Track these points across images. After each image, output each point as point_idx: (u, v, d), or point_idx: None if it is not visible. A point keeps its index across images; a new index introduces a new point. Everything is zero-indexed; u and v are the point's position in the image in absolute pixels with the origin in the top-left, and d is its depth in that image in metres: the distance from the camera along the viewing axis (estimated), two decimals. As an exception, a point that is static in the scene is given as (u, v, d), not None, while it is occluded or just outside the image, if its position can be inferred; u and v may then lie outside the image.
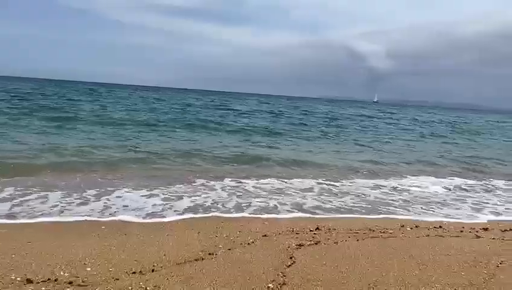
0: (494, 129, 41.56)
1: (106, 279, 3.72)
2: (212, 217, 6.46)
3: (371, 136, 24.75)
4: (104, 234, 5.22)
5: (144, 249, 4.63)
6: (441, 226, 6.13)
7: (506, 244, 5.34)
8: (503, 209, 8.23)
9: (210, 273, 3.98)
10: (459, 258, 4.73)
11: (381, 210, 7.59)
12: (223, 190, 8.56)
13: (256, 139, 18.57)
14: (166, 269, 4.03)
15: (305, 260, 4.44)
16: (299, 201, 7.94)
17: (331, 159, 14.15)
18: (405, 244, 5.21)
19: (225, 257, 4.49)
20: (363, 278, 3.98)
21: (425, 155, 17.07)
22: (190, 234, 5.34)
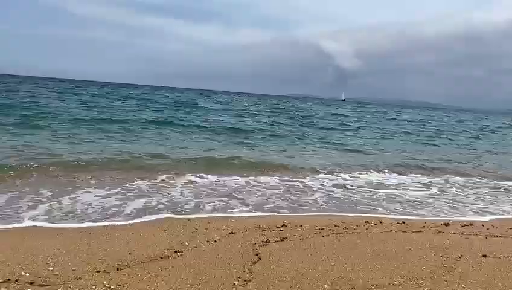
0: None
1: (69, 278, 3.65)
2: (179, 215, 6.42)
3: (339, 134, 25.06)
4: (68, 234, 5.12)
5: (109, 248, 4.56)
6: (404, 222, 6.28)
7: (465, 239, 5.51)
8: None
9: (176, 271, 3.96)
10: (421, 252, 4.84)
11: (346, 207, 7.73)
12: (189, 188, 8.53)
13: (221, 138, 18.45)
14: (131, 268, 3.99)
15: (271, 256, 4.47)
16: (266, 199, 7.99)
17: (298, 158, 14.26)
18: (369, 240, 5.30)
19: (191, 254, 4.48)
20: (328, 273, 4.03)
21: (390, 153, 17.42)
22: (156, 232, 5.30)
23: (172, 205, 7.05)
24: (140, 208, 6.78)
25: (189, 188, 8.53)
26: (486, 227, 6.30)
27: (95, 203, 6.79)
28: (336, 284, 3.78)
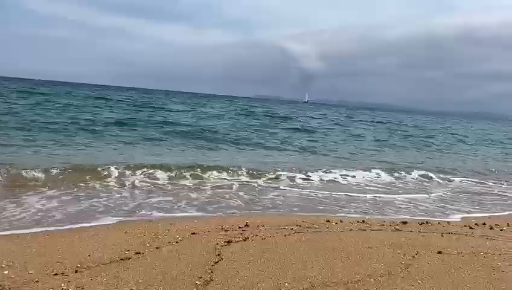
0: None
1: (25, 282, 3.58)
2: (140, 217, 6.38)
3: (300, 136, 25.29)
4: (24, 237, 5.00)
5: (68, 251, 4.49)
6: (364, 221, 6.42)
7: (422, 237, 5.68)
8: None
9: (137, 272, 3.93)
10: (379, 250, 4.95)
11: (308, 207, 7.85)
12: (148, 190, 8.49)
13: (180, 141, 18.28)
14: (90, 270, 3.94)
15: (232, 256, 4.49)
16: (228, 200, 8.04)
17: (259, 158, 14.36)
18: (330, 238, 5.39)
19: (153, 255, 4.46)
20: (288, 272, 4.08)
21: (347, 152, 17.75)
22: (117, 234, 5.25)
23: (132, 208, 6.99)
24: (99, 210, 6.70)
25: (149, 190, 8.49)
26: (442, 225, 6.50)
27: (49, 207, 6.66)
28: (296, 281, 3.83)
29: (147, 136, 18.30)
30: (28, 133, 15.22)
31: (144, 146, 15.54)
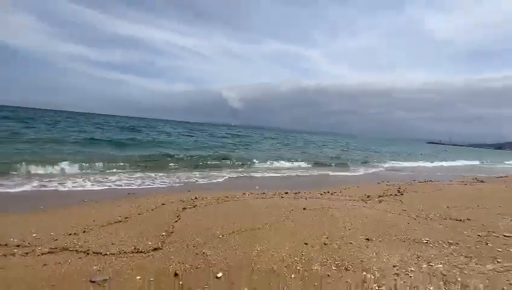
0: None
1: (48, 240, 3.31)
2: (128, 193, 6.09)
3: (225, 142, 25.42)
4: (44, 208, 4.61)
5: (78, 219, 4.21)
6: (264, 193, 6.63)
7: (295, 200, 5.95)
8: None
9: (125, 229, 3.81)
10: (272, 209, 5.09)
11: (230, 185, 7.95)
12: (140, 178, 8.14)
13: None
14: (94, 230, 3.75)
15: (186, 217, 4.47)
16: (187, 183, 7.94)
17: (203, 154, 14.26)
18: (244, 203, 5.51)
19: (136, 219, 4.32)
20: (219, 224, 4.13)
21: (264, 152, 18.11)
22: (113, 206, 5.00)
23: (125, 188, 6.67)
24: (101, 190, 6.33)
25: (137, 176, 8.12)
26: (307, 194, 6.86)
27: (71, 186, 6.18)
28: (224, 229, 3.90)
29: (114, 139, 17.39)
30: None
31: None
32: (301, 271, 2.75)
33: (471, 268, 2.89)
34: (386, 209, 5.35)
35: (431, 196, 7.07)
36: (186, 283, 2.48)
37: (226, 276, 2.62)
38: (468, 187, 9.07)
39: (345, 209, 5.27)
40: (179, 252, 3.11)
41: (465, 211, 5.42)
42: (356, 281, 2.58)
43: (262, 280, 2.57)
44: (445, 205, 5.92)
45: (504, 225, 4.54)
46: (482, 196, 7.22)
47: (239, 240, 3.49)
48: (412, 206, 5.72)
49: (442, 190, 8.19)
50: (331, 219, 4.54)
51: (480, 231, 4.12)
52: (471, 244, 3.56)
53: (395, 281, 2.58)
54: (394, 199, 6.50)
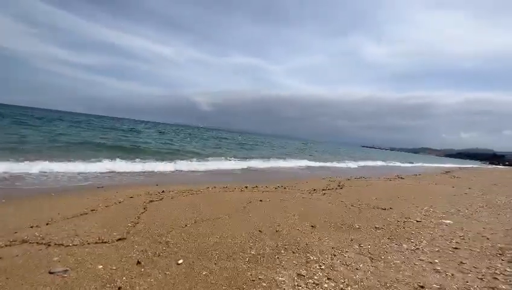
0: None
1: (6, 233, 2.89)
2: (94, 186, 5.59)
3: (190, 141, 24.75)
4: (7, 201, 4.03)
5: (42, 211, 3.73)
6: (226, 187, 6.51)
7: (252, 193, 5.94)
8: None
9: (91, 221, 3.46)
10: (232, 201, 5.04)
11: (197, 181, 7.72)
12: (108, 175, 7.51)
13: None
14: (58, 222, 3.34)
15: (153, 208, 4.21)
16: (153, 176, 7.53)
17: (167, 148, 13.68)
18: (207, 196, 5.35)
19: (103, 211, 3.95)
20: (185, 214, 3.96)
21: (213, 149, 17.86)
22: (80, 199, 4.53)
23: (92, 181, 6.10)
24: (68, 182, 5.72)
25: (108, 175, 7.49)
26: (264, 187, 6.89)
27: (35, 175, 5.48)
28: (188, 220, 3.75)
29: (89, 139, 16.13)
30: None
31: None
32: (255, 255, 2.72)
33: (391, 247, 3.09)
34: (328, 201, 5.56)
35: (363, 189, 7.52)
36: (147, 270, 2.31)
37: (186, 262, 2.49)
38: (391, 183, 9.83)
39: (295, 201, 5.38)
40: (143, 241, 2.90)
41: (389, 201, 5.84)
42: (301, 261, 2.61)
43: (219, 264, 2.49)
44: (374, 197, 6.33)
45: (416, 212, 4.96)
46: (401, 190, 7.86)
47: (200, 230, 3.36)
48: (348, 198, 6.02)
49: (372, 185, 8.76)
50: (283, 210, 4.60)
51: (399, 218, 4.46)
52: (392, 228, 3.83)
53: (332, 260, 2.66)
54: (335, 192, 6.80)
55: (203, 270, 2.36)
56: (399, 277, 2.39)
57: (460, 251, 3.07)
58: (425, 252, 2.97)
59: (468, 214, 4.98)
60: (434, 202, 6.12)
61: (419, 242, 3.30)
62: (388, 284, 2.25)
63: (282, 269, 2.45)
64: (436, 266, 2.64)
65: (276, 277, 2.29)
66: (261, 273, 2.35)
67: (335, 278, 2.30)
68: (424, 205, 5.68)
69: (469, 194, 7.85)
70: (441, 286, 2.25)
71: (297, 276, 2.32)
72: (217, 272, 2.33)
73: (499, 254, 3.01)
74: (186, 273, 2.29)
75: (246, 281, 2.21)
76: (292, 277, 2.31)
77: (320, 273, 2.38)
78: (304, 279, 2.28)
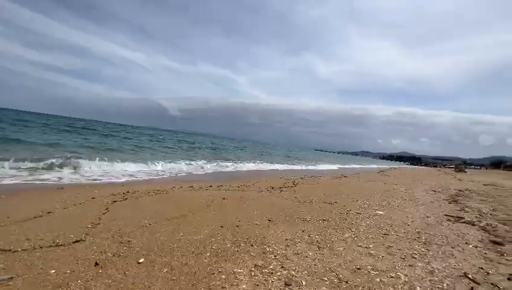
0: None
1: None
2: (53, 188, 4.95)
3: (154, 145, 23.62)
4: None
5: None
6: (192, 186, 6.28)
7: (217, 192, 5.81)
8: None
9: (46, 224, 3.02)
10: (196, 199, 4.87)
11: (163, 180, 7.32)
12: (69, 171, 6.71)
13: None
14: (7, 227, 2.85)
15: (116, 209, 3.85)
16: (120, 177, 6.93)
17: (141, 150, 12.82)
18: (173, 195, 5.10)
19: (61, 213, 3.50)
20: (149, 214, 3.69)
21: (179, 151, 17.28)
22: (34, 200, 3.96)
23: (52, 182, 5.39)
24: (23, 183, 4.98)
25: (69, 170, 6.70)
26: (227, 186, 6.79)
27: None
28: (152, 219, 3.50)
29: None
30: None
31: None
32: (215, 249, 2.63)
33: (336, 236, 3.25)
34: (284, 197, 5.68)
35: (314, 187, 7.86)
36: (106, 271, 2.08)
37: (147, 261, 2.30)
38: (337, 180, 10.45)
39: (255, 198, 5.39)
40: (103, 242, 2.62)
41: (334, 197, 6.18)
42: (258, 253, 2.59)
43: (181, 260, 2.35)
44: (322, 193, 6.64)
45: (356, 205, 5.32)
46: (344, 187, 8.38)
47: (164, 228, 3.16)
48: (301, 194, 6.22)
49: (321, 182, 9.21)
50: (244, 206, 4.56)
51: (342, 210, 4.73)
52: (337, 220, 4.04)
53: (285, 250, 2.69)
54: (290, 189, 6.98)
55: (164, 268, 2.20)
56: (341, 261, 2.51)
57: (388, 236, 3.35)
58: (362, 239, 3.17)
59: (395, 206, 5.49)
60: (370, 196, 6.64)
61: (358, 231, 3.52)
62: (332, 269, 2.34)
63: (240, 261, 2.40)
64: (371, 250, 2.83)
65: (235, 269, 2.24)
66: (221, 266, 2.28)
67: (287, 266, 2.33)
68: (362, 199, 6.12)
69: (396, 189, 8.69)
70: (373, 267, 2.42)
71: (254, 266, 2.30)
72: (178, 269, 2.20)
73: (417, 238, 3.35)
74: (146, 272, 2.12)
75: (206, 275, 2.11)
76: (249, 267, 2.28)
77: (275, 263, 2.39)
78: (260, 269, 2.26)
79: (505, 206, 6.00)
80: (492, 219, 4.56)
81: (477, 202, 6.48)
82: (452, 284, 2.17)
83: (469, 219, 4.42)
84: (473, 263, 2.62)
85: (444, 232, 3.64)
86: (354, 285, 2.08)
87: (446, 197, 7.20)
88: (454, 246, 3.07)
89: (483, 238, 3.42)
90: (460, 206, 5.86)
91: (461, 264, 2.58)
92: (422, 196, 7.28)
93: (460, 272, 2.40)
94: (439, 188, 9.65)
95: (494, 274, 2.37)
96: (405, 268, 2.42)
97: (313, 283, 2.09)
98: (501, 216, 4.78)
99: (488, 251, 2.98)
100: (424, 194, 7.70)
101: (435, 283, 2.17)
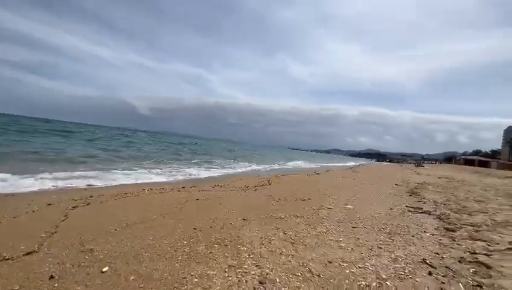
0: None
1: None
2: (6, 195, 4.42)
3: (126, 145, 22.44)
4: None
5: None
6: (163, 188, 6.02)
7: (189, 193, 5.64)
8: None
9: (-11, 236, 2.66)
10: (168, 201, 4.67)
11: (132, 183, 6.92)
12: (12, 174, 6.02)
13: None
14: None
15: (77, 215, 3.54)
16: (81, 178, 6.39)
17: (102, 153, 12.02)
18: (143, 198, 4.84)
19: (9, 223, 3.12)
20: (115, 218, 3.45)
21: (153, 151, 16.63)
22: (-23, 211, 3.47)
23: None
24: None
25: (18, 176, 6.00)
26: (201, 187, 6.62)
27: None
28: (116, 224, 3.26)
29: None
30: None
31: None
32: (188, 252, 2.54)
33: (309, 232, 3.33)
34: (259, 196, 5.69)
35: (288, 184, 8.01)
36: (62, 284, 1.89)
37: (112, 269, 2.14)
38: (310, 177, 10.78)
39: (230, 197, 5.33)
40: (60, 252, 2.38)
41: (308, 193, 6.35)
42: (233, 253, 2.56)
43: (150, 266, 2.23)
44: (296, 190, 6.79)
45: (328, 201, 5.52)
46: (317, 183, 8.67)
47: (132, 233, 2.97)
48: (276, 192, 6.29)
49: (295, 180, 9.42)
50: (218, 206, 4.48)
51: (315, 206, 4.87)
52: (310, 216, 4.15)
53: (260, 249, 2.69)
54: (265, 187, 7.03)
55: (131, 275, 2.06)
56: (313, 256, 2.57)
57: (357, 229, 3.53)
58: (333, 233, 3.30)
59: (363, 200, 5.81)
60: (340, 192, 6.94)
61: (330, 225, 3.65)
62: (305, 264, 2.39)
63: (214, 262, 2.35)
64: (341, 243, 2.95)
65: (208, 271, 2.18)
66: (194, 269, 2.20)
67: (262, 265, 2.32)
68: (333, 194, 6.38)
69: (364, 185, 9.21)
70: (343, 259, 2.52)
71: (228, 267, 2.26)
72: (147, 275, 2.08)
73: (382, 229, 3.57)
74: (111, 282, 1.96)
75: (177, 280, 2.02)
76: (223, 268, 2.23)
77: (249, 262, 2.37)
78: (234, 269, 2.23)
79: (455, 196, 6.67)
80: (445, 208, 5.04)
81: (433, 194, 7.12)
82: (413, 270, 2.34)
83: (427, 210, 4.84)
84: (430, 249, 2.86)
85: (405, 223, 3.93)
86: (325, 278, 2.14)
87: (407, 190, 7.81)
88: (414, 235, 3.33)
89: (438, 226, 3.76)
90: (419, 198, 6.39)
91: (420, 251, 2.80)
92: (386, 190, 7.80)
93: (420, 258, 2.60)
94: (401, 182, 10.44)
95: (448, 258, 2.61)
96: (372, 258, 2.56)
97: (287, 278, 2.11)
98: (453, 205, 5.30)
99: (443, 237, 3.28)
100: (388, 188, 8.27)
101: (398, 270, 2.32)
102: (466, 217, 4.29)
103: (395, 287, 2.02)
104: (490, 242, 3.04)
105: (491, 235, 3.31)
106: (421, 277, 2.21)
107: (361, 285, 2.04)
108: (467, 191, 7.77)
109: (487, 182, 12.11)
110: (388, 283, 2.09)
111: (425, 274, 2.26)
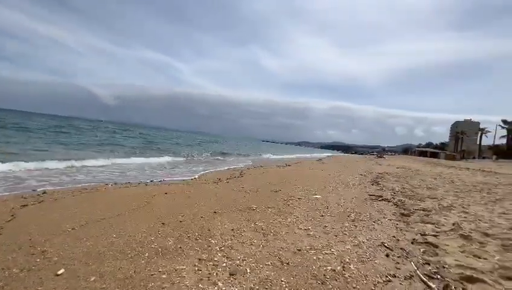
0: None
1: None
2: None
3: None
4: None
5: None
6: (129, 182, 5.71)
7: (158, 187, 5.42)
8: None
9: None
10: (134, 197, 4.44)
11: (94, 177, 6.43)
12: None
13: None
14: None
15: (26, 215, 3.19)
16: (37, 176, 5.76)
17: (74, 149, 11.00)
18: (105, 194, 4.53)
19: None
20: (71, 217, 3.17)
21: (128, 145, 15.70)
22: None
23: None
24: None
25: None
26: (169, 181, 6.41)
27: None
28: (74, 222, 3.01)
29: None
30: None
31: None
32: (155, 248, 2.44)
33: (279, 222, 3.42)
34: (231, 188, 5.68)
35: (260, 176, 8.11)
36: (8, 292, 1.70)
37: (68, 271, 1.98)
38: (281, 169, 11.05)
39: (201, 191, 5.23)
40: (6, 256, 2.13)
41: (279, 185, 6.51)
42: (203, 247, 2.52)
43: (112, 265, 2.10)
44: (268, 182, 6.91)
45: (298, 191, 5.72)
46: (288, 175, 8.92)
47: (92, 231, 2.77)
48: (247, 184, 6.34)
49: (267, 172, 9.58)
50: (187, 200, 4.37)
51: (286, 197, 5.01)
52: (281, 206, 4.26)
53: (231, 241, 2.70)
54: (237, 180, 7.04)
55: (92, 276, 1.93)
56: (283, 245, 2.65)
57: (324, 217, 3.72)
58: (303, 222, 3.43)
59: (330, 190, 6.13)
60: (310, 182, 7.23)
61: (299, 215, 3.79)
62: (276, 253, 2.45)
63: (184, 257, 2.29)
64: (309, 231, 3.08)
65: (177, 266, 2.12)
66: (162, 265, 2.13)
67: (233, 257, 2.33)
68: (303, 185, 6.62)
69: (331, 175, 9.72)
70: (312, 246, 2.64)
71: (199, 261, 2.23)
72: (110, 275, 1.96)
73: (347, 216, 3.81)
74: (67, 284, 1.81)
75: (143, 278, 1.94)
76: (193, 263, 2.19)
77: (220, 255, 2.36)
78: (204, 262, 2.20)
79: (411, 185, 7.37)
80: (402, 195, 5.55)
81: (391, 182, 7.78)
82: (373, 253, 2.54)
83: (386, 197, 5.27)
84: (388, 233, 3.13)
85: (368, 210, 4.24)
86: (293, 265, 2.23)
87: (370, 180, 8.42)
88: (375, 221, 3.61)
89: (395, 212, 4.12)
90: (380, 186, 6.93)
91: (380, 235, 3.05)
92: (351, 180, 8.32)
93: (379, 242, 2.83)
94: (365, 172, 11.22)
95: (402, 240, 2.89)
96: (337, 244, 2.72)
97: (257, 268, 2.15)
98: (408, 193, 5.86)
99: (399, 222, 3.61)
100: (353, 178, 8.82)
101: (360, 254, 2.50)
102: (419, 202, 4.77)
103: (357, 270, 2.18)
104: (437, 224, 3.42)
105: (438, 218, 3.72)
106: (380, 258, 2.42)
107: (327, 269, 2.17)
108: (420, 180, 8.64)
109: (437, 171, 13.58)
110: (351, 266, 2.24)
111: (384, 256, 2.47)
